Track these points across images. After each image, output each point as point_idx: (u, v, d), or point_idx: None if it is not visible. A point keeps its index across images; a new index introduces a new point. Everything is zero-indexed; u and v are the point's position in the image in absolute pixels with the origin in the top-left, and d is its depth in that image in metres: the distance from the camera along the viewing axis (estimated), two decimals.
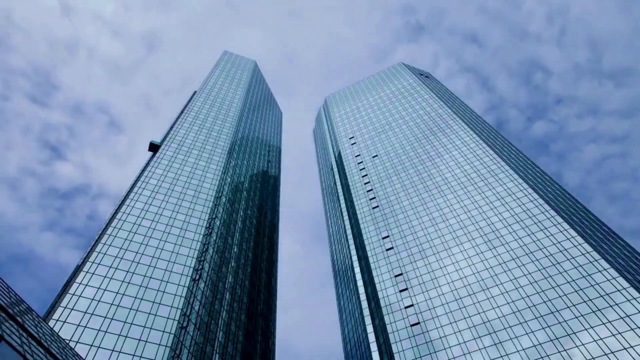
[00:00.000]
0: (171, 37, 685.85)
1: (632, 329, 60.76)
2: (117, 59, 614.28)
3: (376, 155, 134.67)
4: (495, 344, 68.03)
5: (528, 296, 72.44)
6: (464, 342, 70.67)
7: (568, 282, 71.27)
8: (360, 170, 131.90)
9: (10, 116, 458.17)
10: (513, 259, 80.00)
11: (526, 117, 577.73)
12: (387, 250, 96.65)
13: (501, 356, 65.96)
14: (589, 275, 70.63)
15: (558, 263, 75.13)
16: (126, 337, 61.64)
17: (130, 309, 66.12)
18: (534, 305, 70.51)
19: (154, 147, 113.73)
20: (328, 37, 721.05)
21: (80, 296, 64.83)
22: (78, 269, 71.36)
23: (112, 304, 65.61)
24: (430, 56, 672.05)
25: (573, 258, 74.61)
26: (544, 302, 70.17)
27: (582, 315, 65.55)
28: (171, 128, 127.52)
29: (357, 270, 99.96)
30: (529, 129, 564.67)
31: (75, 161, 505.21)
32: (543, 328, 66.64)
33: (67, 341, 57.03)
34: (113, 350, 59.13)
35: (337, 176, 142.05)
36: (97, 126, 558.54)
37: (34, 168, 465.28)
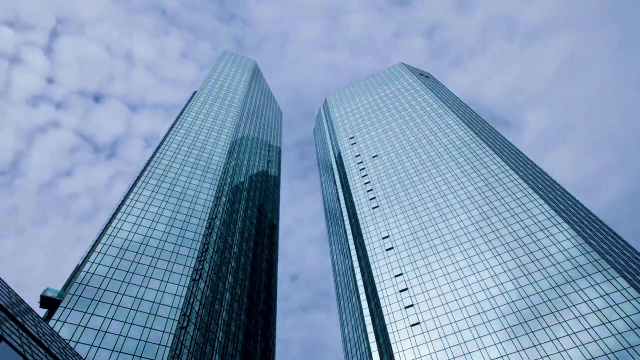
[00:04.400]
0: None
1: (632, 329, 60.76)
2: None
3: (376, 155, 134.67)
4: (495, 344, 68.04)
5: (528, 296, 72.45)
6: (464, 342, 70.67)
7: (568, 282, 71.27)
8: (360, 170, 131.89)
9: None
10: (513, 259, 80.00)
11: None
12: (387, 250, 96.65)
13: (501, 356, 65.97)
14: (589, 275, 70.63)
15: (558, 263, 75.13)
16: (126, 337, 61.64)
17: (130, 309, 66.13)
18: (534, 305, 70.51)
19: (48, 303, 62.82)
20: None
21: (80, 296, 64.83)
22: (78, 269, 71.37)
23: (112, 304, 65.62)
24: None
25: (573, 258, 74.62)
26: (544, 302, 70.17)
27: (582, 315, 65.54)
28: (171, 128, 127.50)
29: (357, 270, 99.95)
30: None
31: None
32: (543, 328, 66.65)
33: (67, 341, 57.01)
34: (113, 350, 59.14)
35: (337, 176, 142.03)
36: None
37: None
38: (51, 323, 59.40)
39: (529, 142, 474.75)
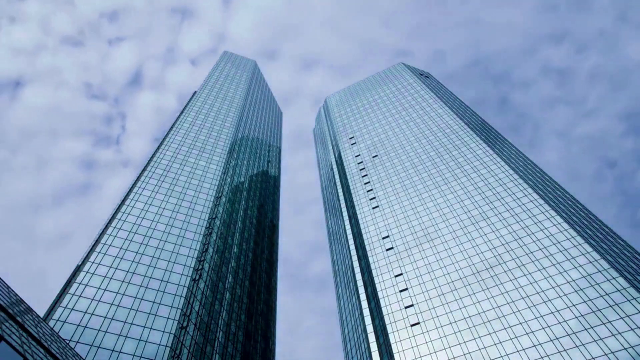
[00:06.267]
0: None
1: (632, 329, 60.77)
2: None
3: (376, 155, 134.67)
4: (495, 344, 68.04)
5: (528, 296, 72.44)
6: (464, 342, 70.67)
7: (568, 282, 71.26)
8: (360, 170, 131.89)
9: None
10: (513, 259, 79.99)
11: None
12: (387, 250, 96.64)
13: (501, 356, 65.96)
14: (589, 275, 70.63)
15: (558, 263, 75.13)
16: (126, 337, 61.64)
17: (130, 309, 66.12)
18: (534, 305, 70.51)
19: None
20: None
21: (80, 296, 64.84)
22: (78, 269, 71.36)
23: (112, 304, 65.62)
24: None
25: (573, 258, 74.62)
26: (544, 302, 70.17)
27: (582, 315, 65.55)
28: (171, 128, 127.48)
29: (357, 270, 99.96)
30: None
31: None
32: (543, 328, 66.66)
33: (67, 341, 57.03)
34: (113, 350, 59.14)
35: (337, 176, 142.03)
36: None
37: None
38: (51, 323, 59.40)
39: None
